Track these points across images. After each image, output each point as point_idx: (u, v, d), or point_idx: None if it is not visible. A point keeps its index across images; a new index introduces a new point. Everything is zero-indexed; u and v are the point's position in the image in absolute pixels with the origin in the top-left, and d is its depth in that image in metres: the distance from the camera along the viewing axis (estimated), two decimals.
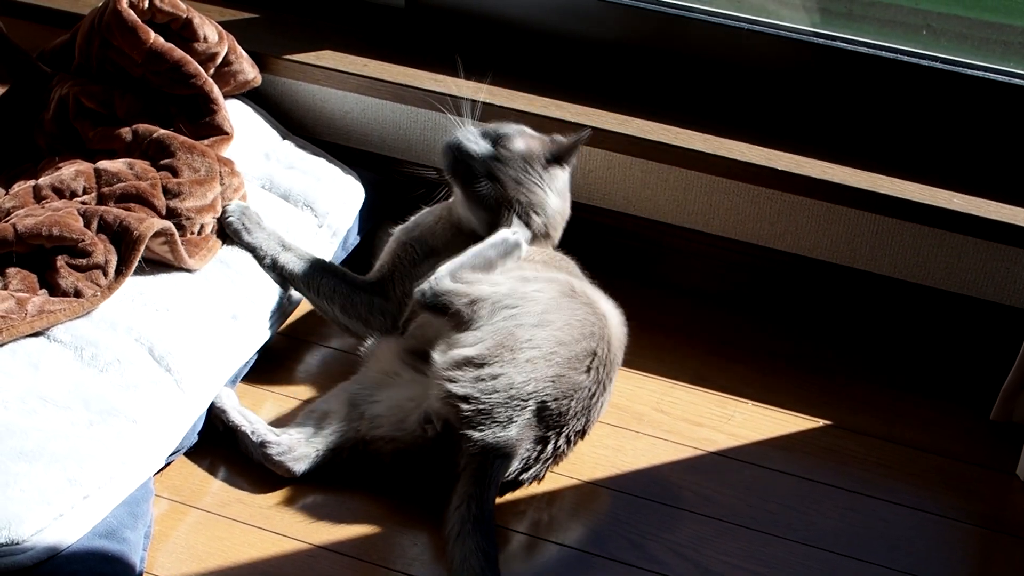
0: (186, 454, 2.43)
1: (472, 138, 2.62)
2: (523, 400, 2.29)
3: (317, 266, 2.69)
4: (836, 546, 2.36)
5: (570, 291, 2.45)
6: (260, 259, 2.70)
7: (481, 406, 2.27)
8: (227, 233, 2.69)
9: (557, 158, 2.66)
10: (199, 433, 2.44)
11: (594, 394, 2.39)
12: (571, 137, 2.66)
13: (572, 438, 2.41)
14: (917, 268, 2.82)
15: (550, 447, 2.36)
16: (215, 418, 2.46)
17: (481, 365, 2.30)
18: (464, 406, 2.28)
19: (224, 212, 2.70)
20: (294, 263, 2.69)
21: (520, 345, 2.32)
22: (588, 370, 2.37)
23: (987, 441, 2.63)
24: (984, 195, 2.69)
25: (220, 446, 2.45)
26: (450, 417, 2.30)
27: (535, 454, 2.35)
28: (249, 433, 2.41)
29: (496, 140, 2.63)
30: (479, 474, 2.28)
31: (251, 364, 2.63)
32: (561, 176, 2.68)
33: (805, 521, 2.41)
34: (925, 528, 2.42)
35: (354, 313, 2.66)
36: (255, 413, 2.49)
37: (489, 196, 2.59)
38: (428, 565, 2.27)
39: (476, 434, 2.27)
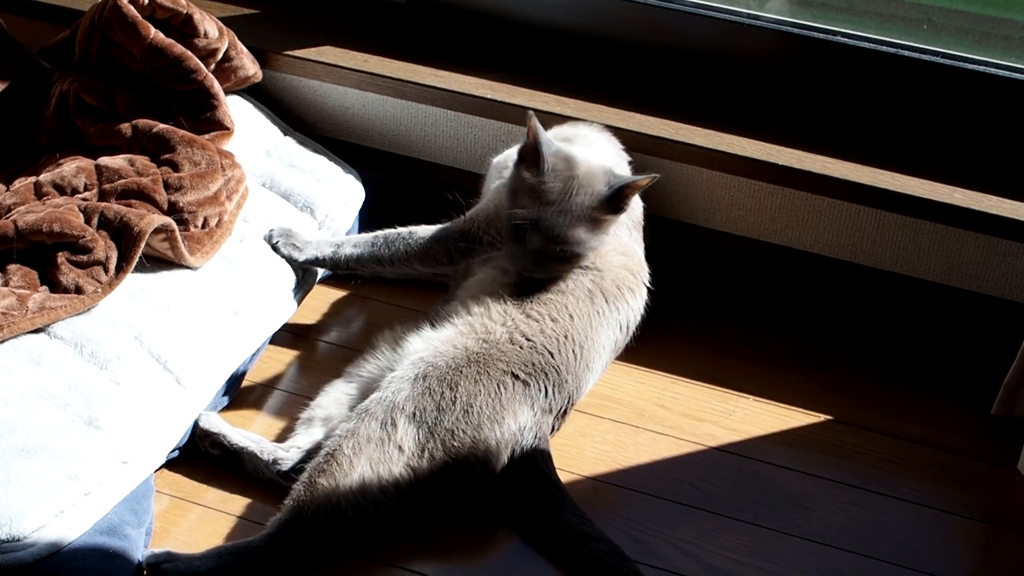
0: (187, 451, 2.43)
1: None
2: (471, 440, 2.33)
3: (377, 241, 2.74)
4: (838, 541, 2.36)
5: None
6: (323, 265, 2.77)
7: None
8: (284, 259, 2.74)
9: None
10: None
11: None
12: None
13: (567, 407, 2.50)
14: (918, 263, 2.82)
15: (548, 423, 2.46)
16: (214, 444, 2.42)
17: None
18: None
19: (270, 239, 2.74)
20: (352, 251, 2.74)
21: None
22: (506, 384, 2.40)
23: (988, 436, 2.62)
24: (985, 190, 2.69)
25: None
26: None
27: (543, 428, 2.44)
28: (258, 452, 2.38)
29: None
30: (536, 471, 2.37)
31: (254, 361, 2.64)
32: None
33: (807, 516, 2.41)
34: (927, 523, 2.41)
35: (439, 259, 2.71)
36: (258, 413, 2.51)
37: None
38: (430, 561, 2.28)
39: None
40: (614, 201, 2.50)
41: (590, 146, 2.66)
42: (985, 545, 2.40)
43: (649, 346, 2.73)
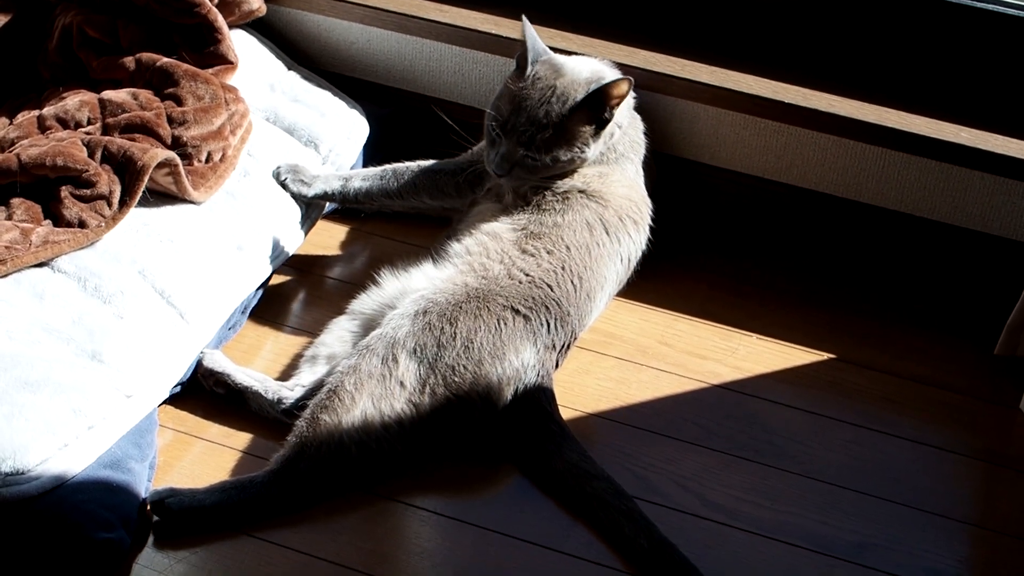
0: (190, 386, 2.44)
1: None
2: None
3: (386, 175, 2.75)
4: (839, 479, 2.36)
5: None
6: (331, 199, 2.78)
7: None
8: (291, 195, 2.73)
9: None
10: None
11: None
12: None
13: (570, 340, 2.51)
14: (923, 202, 2.81)
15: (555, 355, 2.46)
16: (218, 383, 2.42)
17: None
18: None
19: (278, 176, 2.73)
20: (361, 184, 2.75)
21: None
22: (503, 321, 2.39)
23: (991, 375, 2.63)
24: (992, 129, 2.68)
25: None
26: None
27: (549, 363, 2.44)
28: (263, 392, 2.38)
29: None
30: (538, 411, 2.37)
31: (258, 296, 2.64)
32: None
33: (808, 454, 2.41)
34: (928, 461, 2.42)
35: (448, 191, 2.72)
36: (262, 349, 2.51)
37: None
38: (432, 497, 2.29)
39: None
40: (592, 108, 2.52)
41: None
42: (985, 484, 2.41)
43: (653, 283, 2.73)
